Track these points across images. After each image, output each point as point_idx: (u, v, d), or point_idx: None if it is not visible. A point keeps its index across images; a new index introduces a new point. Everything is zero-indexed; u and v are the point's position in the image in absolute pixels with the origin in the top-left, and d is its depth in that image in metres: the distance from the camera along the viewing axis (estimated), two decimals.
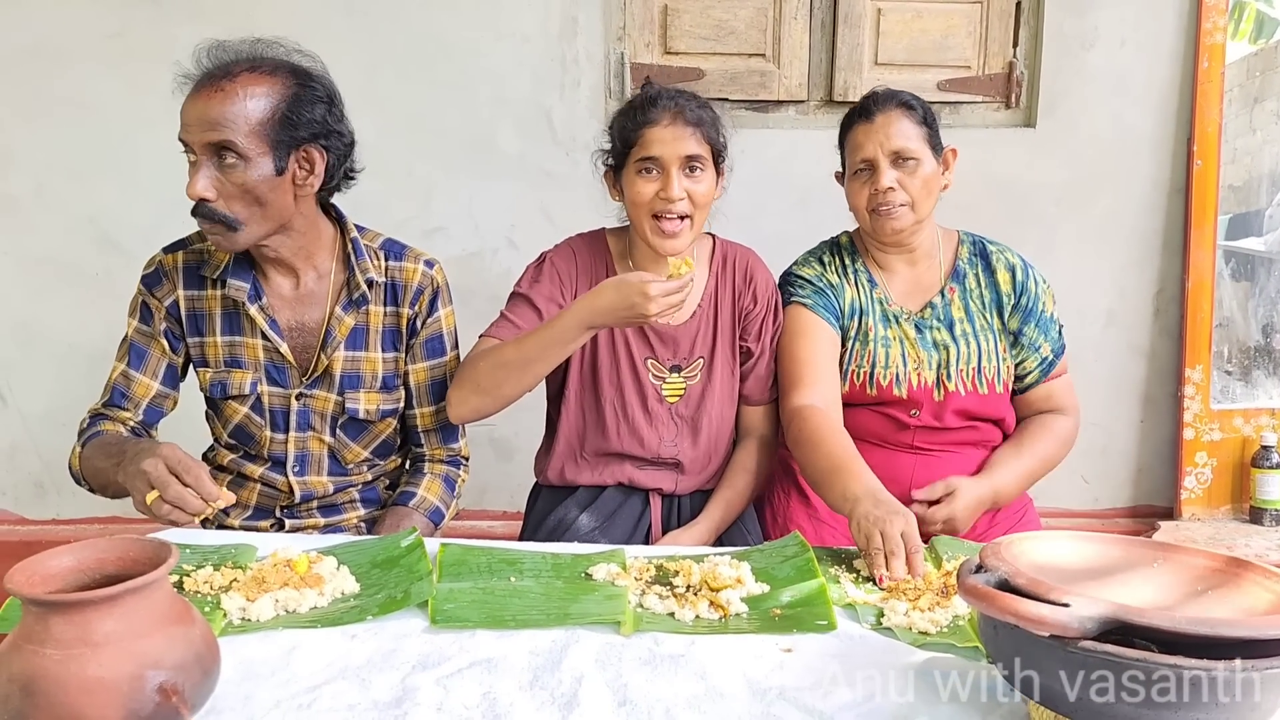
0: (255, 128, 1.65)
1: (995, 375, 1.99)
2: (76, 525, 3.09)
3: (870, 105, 1.95)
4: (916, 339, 1.99)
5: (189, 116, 1.65)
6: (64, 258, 2.98)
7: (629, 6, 2.97)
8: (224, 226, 1.67)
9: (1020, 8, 3.00)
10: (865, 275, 2.03)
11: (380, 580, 1.45)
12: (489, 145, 2.97)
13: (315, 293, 1.83)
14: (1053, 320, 2.04)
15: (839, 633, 1.30)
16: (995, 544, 1.12)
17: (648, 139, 1.79)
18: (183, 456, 1.47)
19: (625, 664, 1.20)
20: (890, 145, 1.90)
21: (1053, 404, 2.05)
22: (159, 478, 1.43)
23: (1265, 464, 2.99)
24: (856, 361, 1.99)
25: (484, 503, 3.08)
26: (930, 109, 1.97)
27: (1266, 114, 3.66)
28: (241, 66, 1.67)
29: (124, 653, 0.95)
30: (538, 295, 1.89)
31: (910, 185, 1.91)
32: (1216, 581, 1.10)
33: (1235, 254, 3.52)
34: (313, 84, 1.72)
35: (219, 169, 1.65)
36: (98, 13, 2.86)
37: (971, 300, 2.01)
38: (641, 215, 1.82)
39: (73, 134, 2.92)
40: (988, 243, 2.06)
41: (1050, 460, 2.01)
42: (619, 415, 1.94)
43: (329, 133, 1.73)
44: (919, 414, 1.98)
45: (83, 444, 1.77)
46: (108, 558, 1.06)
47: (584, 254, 1.94)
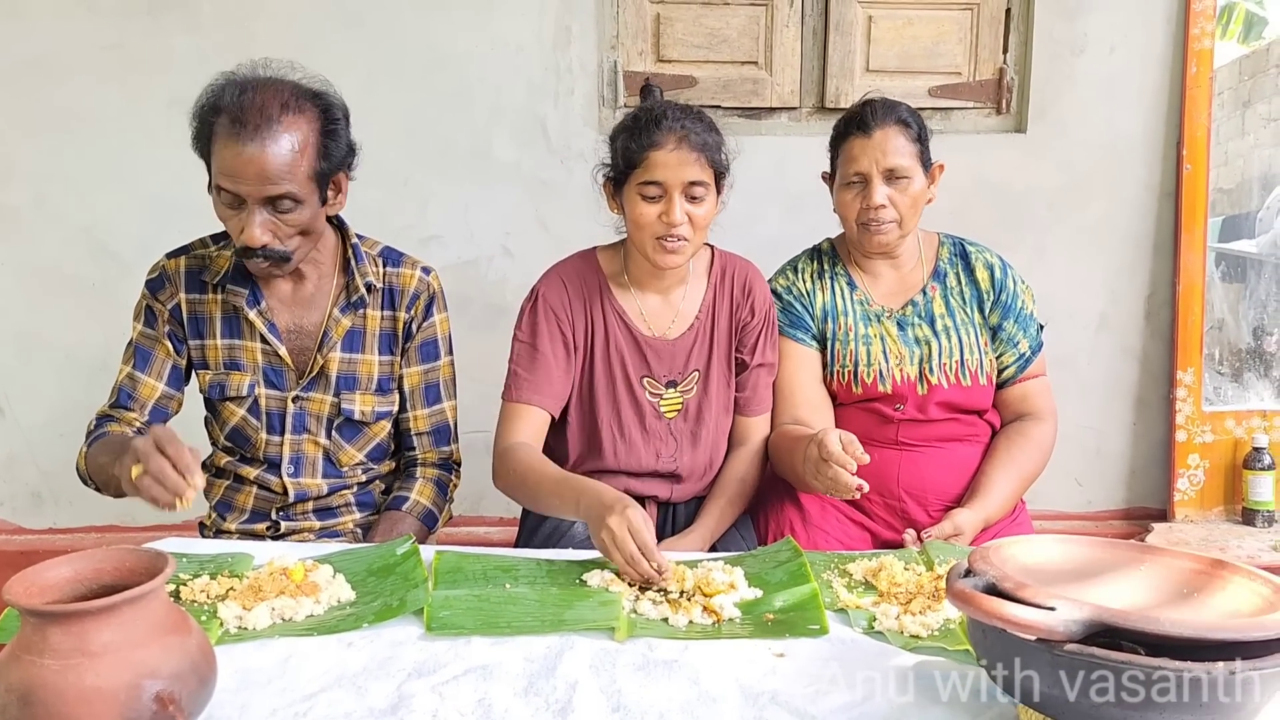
0: (307, 172, 1.69)
1: (978, 367, 2.02)
2: (74, 535, 3.09)
3: (869, 119, 1.95)
4: (898, 335, 2.03)
5: (237, 168, 1.64)
6: (63, 268, 2.99)
7: (622, 15, 2.98)
8: (280, 261, 1.73)
9: (1010, 14, 3.02)
10: (845, 279, 2.07)
11: (376, 588, 1.47)
12: (484, 154, 2.98)
13: (315, 296, 1.87)
14: (1031, 318, 2.07)
15: (831, 637, 1.31)
16: (984, 548, 1.14)
17: (652, 162, 1.78)
18: (170, 433, 1.45)
19: (619, 670, 1.21)
20: (885, 163, 1.93)
21: (1029, 406, 2.07)
22: (144, 451, 1.43)
23: (1257, 466, 3.00)
24: (840, 362, 2.03)
25: (481, 509, 3.09)
26: (924, 124, 2.00)
27: (1257, 117, 3.68)
28: (276, 107, 1.65)
29: (121, 662, 0.96)
30: (541, 341, 1.89)
31: (900, 202, 1.95)
32: (1202, 583, 1.11)
33: (1227, 256, 3.54)
34: (333, 110, 1.75)
35: (273, 214, 1.68)
36: (96, 25, 2.87)
37: (952, 297, 2.06)
38: (644, 237, 1.82)
39: (71, 145, 2.93)
40: (967, 244, 2.11)
41: (1035, 473, 2.05)
42: (616, 435, 1.94)
43: (351, 154, 1.80)
44: (903, 408, 2.01)
45: (89, 444, 1.80)
46: (105, 568, 1.08)
47: (574, 281, 1.94)
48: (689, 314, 1.96)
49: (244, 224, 1.67)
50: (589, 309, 1.92)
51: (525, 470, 1.77)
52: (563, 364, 1.90)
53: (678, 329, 1.95)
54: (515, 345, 1.93)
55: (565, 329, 1.91)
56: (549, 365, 1.89)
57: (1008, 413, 2.09)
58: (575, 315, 1.92)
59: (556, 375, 1.89)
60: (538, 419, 1.88)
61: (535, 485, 1.74)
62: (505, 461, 1.84)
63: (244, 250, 1.71)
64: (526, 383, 1.89)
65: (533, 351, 1.90)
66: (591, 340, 1.93)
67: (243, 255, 1.73)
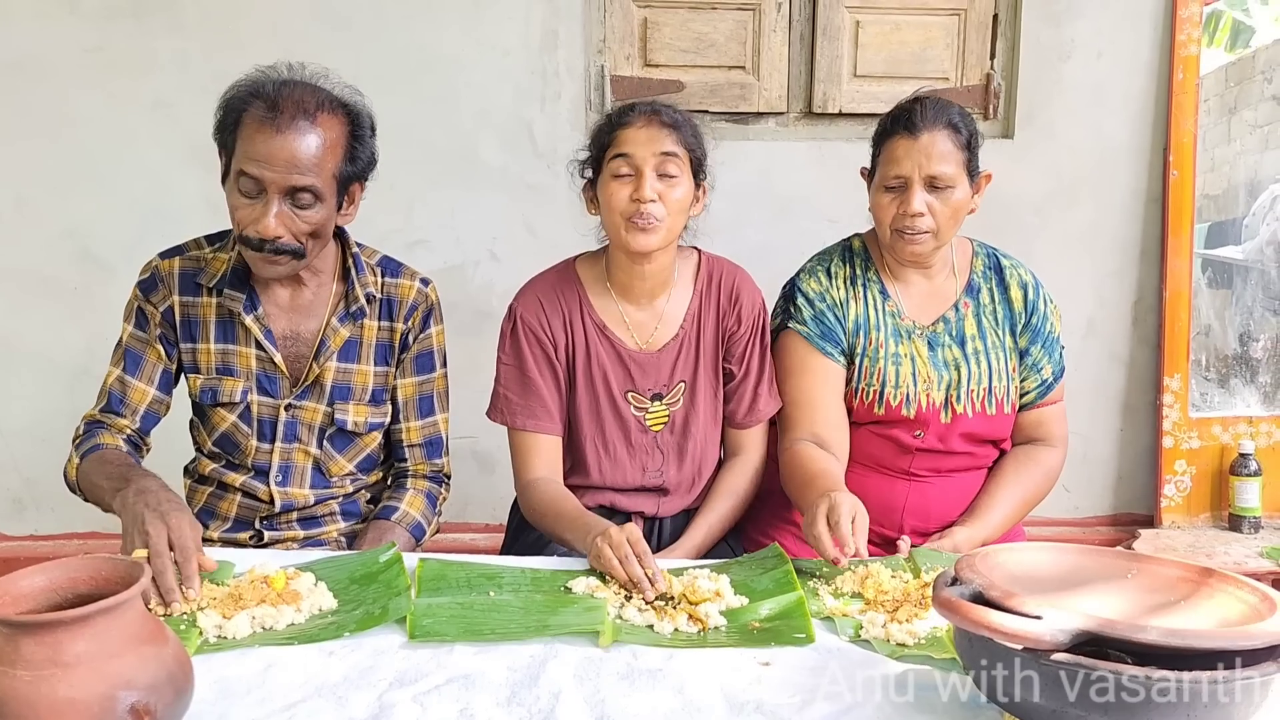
0: (333, 171, 1.69)
1: (1005, 395, 1.95)
2: (56, 541, 3.07)
3: (916, 119, 1.83)
4: (928, 356, 1.93)
5: (269, 153, 1.62)
6: (43, 272, 2.97)
7: (609, 19, 2.98)
8: (291, 257, 1.70)
9: (998, 20, 3.03)
10: (878, 286, 1.97)
11: (358, 596, 1.45)
12: (471, 158, 2.97)
13: (313, 303, 1.85)
14: (1057, 341, 2.01)
15: (817, 645, 1.30)
16: (970, 556, 1.13)
17: (621, 138, 1.77)
18: (187, 538, 1.42)
19: (603, 679, 1.20)
20: (929, 168, 1.81)
21: (1042, 431, 2.01)
22: (156, 550, 1.39)
23: (1243, 472, 3.01)
24: (866, 379, 1.93)
25: (466, 515, 3.08)
26: (976, 130, 1.89)
27: (1243, 123, 3.69)
28: (313, 103, 1.66)
29: (95, 673, 0.94)
30: (527, 366, 1.88)
31: (940, 212, 1.84)
32: (1188, 592, 1.11)
33: (1213, 262, 3.55)
34: (362, 118, 1.75)
35: (291, 207, 1.66)
36: (79, 27, 2.85)
37: (985, 317, 1.97)
38: (616, 220, 1.78)
39: (53, 148, 2.91)
40: (1001, 256, 2.02)
41: (1038, 499, 2.01)
42: (600, 451, 1.92)
43: (372, 164, 1.79)
44: (923, 435, 1.94)
45: (81, 456, 1.75)
46: (80, 577, 1.06)
47: (550, 297, 1.90)
48: (674, 323, 1.91)
49: (259, 214, 1.64)
50: (569, 325, 1.89)
51: (546, 508, 1.80)
52: (552, 385, 1.89)
53: (662, 339, 1.91)
54: (501, 368, 1.92)
55: (548, 349, 1.88)
56: (540, 389, 1.87)
57: (1020, 436, 2.03)
58: (555, 333, 1.89)
59: (550, 398, 1.88)
60: (548, 445, 1.88)
61: (554, 521, 1.77)
62: (526, 499, 1.87)
63: (254, 242, 1.66)
64: (523, 409, 1.88)
65: (521, 376, 1.88)
66: (573, 356, 1.90)
67: (252, 248, 1.68)
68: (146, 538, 1.40)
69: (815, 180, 3.00)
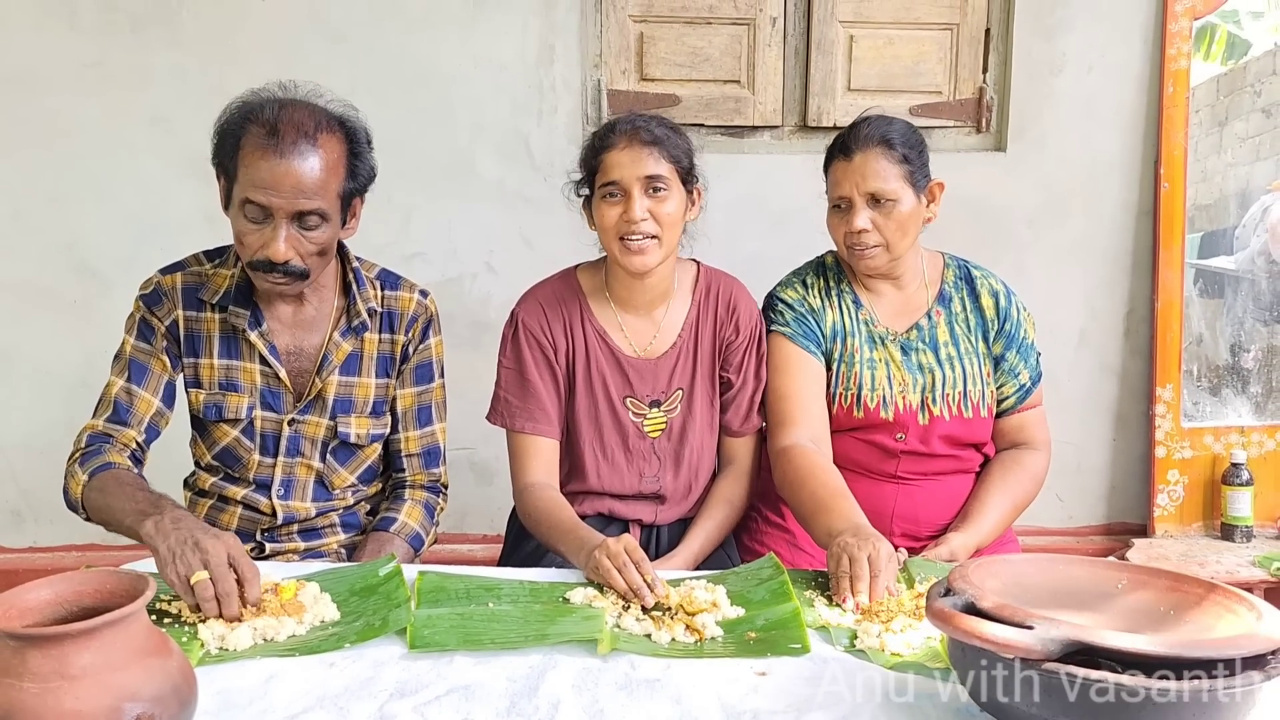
0: (336, 190, 1.70)
1: (980, 399, 2.00)
2: (54, 553, 3.07)
3: (850, 143, 1.92)
4: (902, 361, 1.99)
5: (273, 180, 1.63)
6: (41, 284, 2.98)
7: (605, 34, 3.00)
8: (297, 279, 1.72)
9: (990, 34, 3.06)
10: (850, 297, 2.03)
11: (359, 608, 1.46)
12: (468, 171, 2.99)
13: (315, 318, 1.86)
14: (1032, 347, 2.05)
15: (813, 655, 1.31)
16: (963, 567, 1.15)
17: (607, 164, 1.80)
18: (245, 553, 1.42)
19: (601, 689, 1.22)
20: (866, 186, 1.89)
21: (1025, 435, 2.06)
22: (218, 565, 1.38)
23: (1235, 481, 3.03)
24: (843, 384, 1.98)
25: (464, 526, 3.09)
26: (916, 143, 1.93)
27: (1234, 135, 3.72)
28: (312, 124, 1.66)
29: (101, 685, 0.95)
30: (527, 369, 1.90)
31: (885, 226, 1.90)
32: (1179, 601, 1.13)
33: (1205, 273, 3.56)
34: (359, 132, 1.76)
35: (299, 230, 1.67)
36: (77, 41, 2.87)
37: (957, 324, 2.02)
38: (610, 240, 1.82)
39: (51, 161, 2.92)
40: (972, 267, 2.08)
41: (1027, 502, 2.03)
42: (598, 457, 1.94)
43: (372, 178, 1.80)
44: (905, 438, 1.98)
45: (89, 474, 1.67)
46: (85, 590, 1.07)
47: (552, 302, 1.93)
48: (672, 331, 1.95)
49: (268, 239, 1.65)
50: (569, 330, 1.92)
51: (541, 515, 1.81)
52: (552, 389, 1.91)
53: (660, 347, 1.94)
54: (502, 371, 1.94)
55: (548, 353, 1.91)
56: (540, 392, 1.90)
57: (1003, 441, 2.07)
58: (556, 338, 1.91)
59: (549, 401, 1.91)
60: (547, 449, 1.90)
61: (549, 530, 1.78)
62: (522, 503, 1.88)
63: (264, 265, 1.67)
64: (522, 411, 1.90)
65: (521, 379, 1.91)
66: (573, 361, 1.93)
67: (261, 271, 1.69)
68: (205, 555, 1.38)
69: (810, 193, 2.97)
